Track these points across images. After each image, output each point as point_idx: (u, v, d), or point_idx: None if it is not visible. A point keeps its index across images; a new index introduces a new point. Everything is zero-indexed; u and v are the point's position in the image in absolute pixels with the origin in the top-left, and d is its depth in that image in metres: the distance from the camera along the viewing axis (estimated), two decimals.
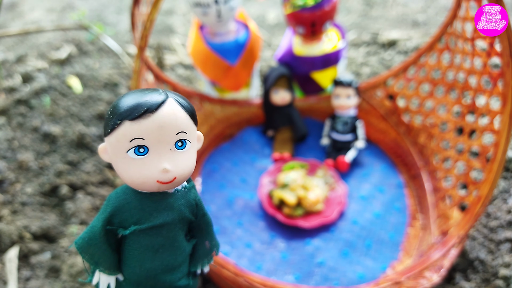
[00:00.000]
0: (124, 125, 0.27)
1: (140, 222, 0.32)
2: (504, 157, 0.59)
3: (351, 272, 0.62)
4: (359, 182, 0.78)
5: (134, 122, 0.27)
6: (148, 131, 0.28)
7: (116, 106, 0.28)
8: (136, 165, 0.28)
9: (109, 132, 0.28)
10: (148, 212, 0.32)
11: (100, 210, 0.33)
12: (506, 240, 0.67)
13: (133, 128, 0.27)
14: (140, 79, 0.59)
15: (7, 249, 0.71)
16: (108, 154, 0.30)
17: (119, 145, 0.28)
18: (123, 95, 0.30)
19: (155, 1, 0.53)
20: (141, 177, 0.29)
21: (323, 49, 0.85)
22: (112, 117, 0.28)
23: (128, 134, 0.28)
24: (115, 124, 0.28)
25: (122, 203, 0.32)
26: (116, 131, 0.28)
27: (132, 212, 0.32)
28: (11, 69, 1.20)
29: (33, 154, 0.90)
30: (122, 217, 0.32)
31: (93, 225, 0.33)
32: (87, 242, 0.32)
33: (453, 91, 0.76)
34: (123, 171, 0.29)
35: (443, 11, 1.59)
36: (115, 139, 0.28)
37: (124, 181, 0.30)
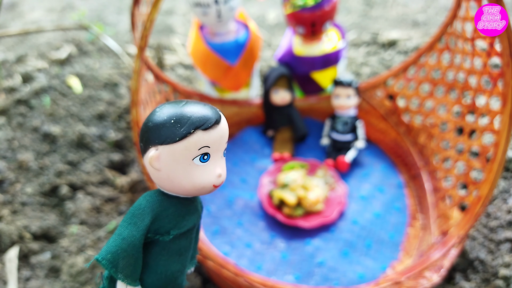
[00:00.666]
0: (197, 134, 0.30)
1: (176, 227, 0.33)
2: (504, 157, 0.59)
3: (351, 272, 0.62)
4: (359, 182, 0.78)
5: (205, 132, 0.30)
6: (214, 140, 0.31)
7: (183, 116, 0.30)
8: (199, 171, 0.31)
9: (177, 140, 0.30)
10: (182, 216, 0.33)
11: (130, 220, 0.32)
12: (506, 240, 0.67)
13: (204, 137, 0.30)
14: (140, 79, 0.59)
15: (7, 249, 0.71)
16: (162, 162, 0.31)
17: (187, 153, 0.30)
18: (180, 105, 0.31)
19: (155, 1, 0.53)
20: (202, 182, 0.31)
21: (323, 49, 0.85)
22: (180, 126, 0.30)
23: (199, 143, 0.30)
24: (188, 133, 0.30)
25: (160, 210, 0.33)
26: (187, 139, 0.30)
27: (169, 218, 0.33)
28: (11, 69, 1.20)
29: (33, 154, 0.90)
30: (159, 224, 0.33)
31: (127, 235, 0.32)
32: (119, 254, 0.31)
33: (453, 91, 0.76)
34: (184, 177, 0.31)
35: (443, 11, 1.59)
36: (184, 146, 0.30)
37: (178, 187, 0.31)
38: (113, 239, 0.32)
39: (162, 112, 0.31)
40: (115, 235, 0.32)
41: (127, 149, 0.93)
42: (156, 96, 0.76)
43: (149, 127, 0.31)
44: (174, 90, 0.83)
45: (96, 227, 0.75)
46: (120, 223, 0.33)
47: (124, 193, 0.82)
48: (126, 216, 0.33)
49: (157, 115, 0.31)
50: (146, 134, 0.31)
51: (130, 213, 0.33)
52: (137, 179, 0.83)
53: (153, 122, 0.31)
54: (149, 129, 0.31)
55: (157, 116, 0.31)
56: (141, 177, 0.83)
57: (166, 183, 0.31)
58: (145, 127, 0.31)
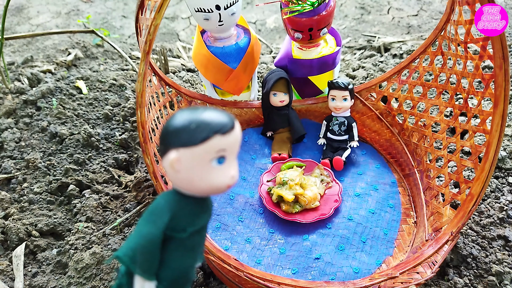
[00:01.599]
0: (215, 138, 0.32)
1: (191, 224, 0.36)
2: (497, 156, 0.60)
3: (347, 267, 0.64)
4: (355, 181, 0.80)
5: (223, 136, 0.32)
6: (230, 144, 0.33)
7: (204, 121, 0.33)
8: (216, 173, 0.33)
9: (197, 144, 0.32)
10: (197, 215, 0.36)
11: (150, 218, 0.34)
12: (498, 237, 0.69)
13: (222, 141, 0.32)
14: (145, 82, 0.61)
15: (14, 246, 0.73)
16: (182, 164, 0.33)
17: (206, 156, 0.32)
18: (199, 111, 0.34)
19: (159, 6, 0.55)
20: (218, 182, 0.33)
21: (320, 52, 0.87)
22: (201, 131, 0.32)
23: (217, 146, 0.32)
24: (207, 136, 0.32)
25: (177, 209, 0.35)
26: (207, 143, 0.32)
27: (185, 216, 0.35)
28: (18, 72, 1.23)
29: (41, 154, 0.92)
30: (175, 222, 0.35)
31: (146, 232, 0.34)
32: (140, 250, 0.34)
33: (445, 93, 0.77)
34: (202, 178, 0.33)
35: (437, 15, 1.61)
36: (203, 150, 0.32)
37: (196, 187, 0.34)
38: (133, 237, 0.34)
39: (183, 117, 0.33)
40: (135, 233, 0.34)
41: (132, 149, 0.95)
42: (160, 98, 0.78)
43: (170, 131, 0.33)
44: (177, 92, 0.86)
45: (102, 224, 0.77)
46: (139, 222, 0.35)
47: (130, 191, 0.84)
48: (145, 215, 0.35)
49: (178, 120, 0.33)
50: (167, 137, 0.33)
51: (149, 212, 0.35)
52: (142, 178, 0.85)
53: (174, 126, 0.33)
54: (170, 133, 0.33)
55: (178, 121, 0.33)
56: (146, 176, 0.86)
57: (184, 183, 0.33)
58: (166, 130, 0.33)
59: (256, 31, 1.65)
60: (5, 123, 0.99)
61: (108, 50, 1.40)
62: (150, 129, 0.63)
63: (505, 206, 0.73)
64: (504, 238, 0.69)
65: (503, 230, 0.70)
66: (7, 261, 0.71)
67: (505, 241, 0.68)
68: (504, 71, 0.57)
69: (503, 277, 0.63)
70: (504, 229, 0.70)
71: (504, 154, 0.83)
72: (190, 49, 1.47)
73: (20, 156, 0.92)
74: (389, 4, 1.74)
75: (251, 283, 0.55)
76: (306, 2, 0.77)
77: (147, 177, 0.85)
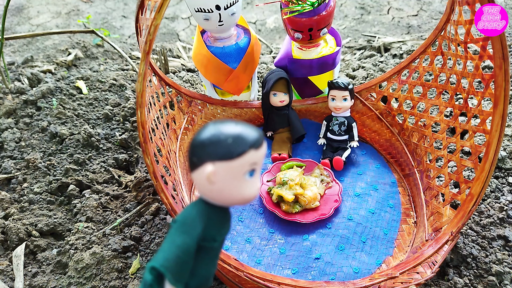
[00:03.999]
0: (251, 152, 0.34)
1: (219, 234, 0.37)
2: (497, 156, 0.60)
3: (347, 267, 0.64)
4: (355, 181, 0.80)
5: (257, 150, 0.34)
6: (260, 158, 0.35)
7: (240, 136, 0.34)
8: (248, 185, 0.35)
9: (234, 157, 0.34)
10: (222, 224, 0.38)
11: (183, 228, 0.36)
12: (498, 237, 0.69)
13: (256, 155, 0.34)
14: (145, 82, 0.61)
15: (14, 246, 0.73)
16: (218, 176, 0.34)
17: (241, 169, 0.34)
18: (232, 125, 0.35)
19: (159, 6, 0.55)
20: (250, 194, 0.35)
21: (320, 52, 0.88)
22: (238, 145, 0.34)
23: (251, 160, 0.34)
24: (244, 151, 0.33)
25: (207, 218, 0.37)
26: (243, 157, 0.33)
27: (214, 226, 0.37)
28: (19, 72, 1.23)
29: (41, 154, 0.92)
30: (206, 232, 0.37)
31: (181, 243, 0.35)
32: (175, 261, 0.34)
33: (445, 93, 0.77)
34: (235, 190, 0.35)
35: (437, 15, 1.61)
36: (240, 163, 0.34)
37: (229, 198, 0.36)
38: (167, 247, 0.35)
39: (217, 131, 0.34)
40: (168, 243, 0.35)
41: (132, 149, 0.95)
42: (160, 98, 0.78)
43: (205, 144, 0.34)
44: (177, 92, 0.86)
45: (102, 224, 0.77)
46: (170, 232, 0.36)
47: (130, 191, 0.84)
48: (177, 225, 0.36)
49: (213, 134, 0.34)
50: (201, 150, 0.34)
51: (180, 222, 0.36)
52: (142, 178, 0.85)
53: (209, 140, 0.34)
54: (206, 146, 0.34)
55: (212, 135, 0.34)
56: (146, 176, 0.86)
57: (217, 195, 0.35)
58: (200, 143, 0.34)
59: (256, 31, 1.66)
60: (5, 123, 0.99)
61: (108, 50, 1.40)
62: (150, 129, 0.63)
63: (505, 206, 0.74)
64: (504, 238, 0.69)
65: (503, 230, 0.70)
66: (7, 261, 0.71)
67: (505, 241, 0.68)
68: (504, 71, 0.57)
69: (503, 277, 0.63)
70: (504, 229, 0.70)
71: (504, 154, 0.83)
72: (190, 49, 1.47)
73: (20, 156, 0.92)
74: (389, 4, 1.74)
75: (251, 283, 0.55)
76: (306, 2, 0.77)
77: (147, 177, 0.85)
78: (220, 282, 0.66)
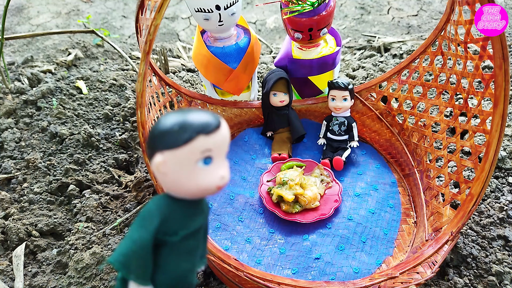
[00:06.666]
0: (199, 139, 0.32)
1: (184, 228, 0.35)
2: (497, 156, 0.60)
3: (347, 267, 0.64)
4: (355, 181, 0.80)
5: (207, 136, 0.32)
6: (216, 144, 0.32)
7: (186, 123, 0.32)
8: (203, 174, 0.33)
9: (181, 145, 0.32)
10: (189, 217, 0.35)
11: (140, 223, 0.34)
12: (498, 237, 0.69)
13: (206, 141, 0.32)
14: (145, 82, 0.61)
15: (14, 246, 0.73)
16: (168, 166, 0.33)
17: (191, 157, 0.32)
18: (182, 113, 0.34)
19: (159, 6, 0.55)
20: (206, 184, 0.33)
21: (320, 52, 0.88)
22: (184, 132, 0.32)
23: (201, 146, 0.32)
24: (190, 137, 0.32)
25: (167, 212, 0.35)
26: (191, 144, 0.32)
27: (177, 219, 0.35)
28: (19, 72, 1.23)
29: (41, 154, 0.92)
30: (167, 226, 0.35)
31: (137, 238, 0.34)
32: (131, 256, 0.33)
33: (445, 93, 0.77)
34: (188, 180, 0.33)
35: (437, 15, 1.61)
36: (188, 151, 0.32)
37: (184, 189, 0.34)
38: (124, 242, 0.34)
39: (167, 120, 0.33)
40: (126, 238, 0.34)
41: (132, 149, 0.95)
42: (160, 98, 0.78)
43: (155, 134, 0.33)
44: (177, 92, 0.86)
45: (102, 224, 0.77)
46: (130, 227, 0.35)
47: (130, 191, 0.84)
48: (136, 220, 0.35)
49: (162, 123, 0.33)
50: (152, 141, 0.33)
51: (140, 217, 0.35)
52: (142, 178, 0.85)
53: (158, 130, 0.33)
54: (155, 136, 0.33)
55: (162, 124, 0.33)
56: (146, 176, 0.86)
57: (172, 186, 0.33)
58: (151, 134, 0.33)
59: (256, 31, 1.66)
60: (5, 123, 0.99)
61: (108, 50, 1.40)
62: (150, 129, 0.63)
63: (505, 206, 0.74)
64: (504, 238, 0.69)
65: (503, 230, 0.70)
66: (7, 261, 0.71)
67: (505, 241, 0.68)
68: (504, 71, 0.57)
69: (503, 277, 0.63)
70: (504, 229, 0.70)
71: (504, 154, 0.83)
72: (190, 49, 1.47)
73: (20, 156, 0.92)
74: (389, 4, 1.74)
75: (251, 283, 0.55)
76: (306, 2, 0.77)
77: (147, 177, 0.85)
78: (220, 282, 0.66)
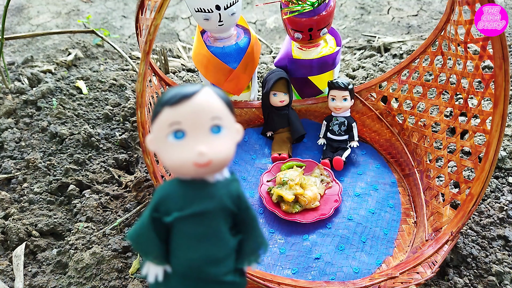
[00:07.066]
0: (165, 111, 0.30)
1: (182, 209, 0.33)
2: (497, 156, 0.60)
3: (347, 267, 0.64)
4: (355, 181, 0.80)
5: (172, 108, 0.30)
6: (185, 115, 0.30)
7: (160, 97, 0.32)
8: (175, 149, 0.31)
9: (153, 120, 0.31)
10: (190, 199, 0.33)
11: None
12: (498, 237, 0.69)
13: (171, 113, 0.30)
14: (145, 82, 0.61)
15: (14, 246, 0.73)
16: (154, 144, 0.32)
17: (161, 131, 0.31)
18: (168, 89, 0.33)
19: (159, 6, 0.55)
20: (179, 159, 0.31)
21: (320, 52, 0.88)
22: (155, 106, 0.31)
23: (166, 119, 0.30)
24: (158, 111, 0.31)
25: (167, 192, 0.34)
26: (158, 117, 0.31)
27: (175, 200, 0.34)
28: (19, 72, 1.23)
29: (41, 154, 0.92)
30: (167, 206, 0.34)
31: (142, 216, 0.35)
32: (137, 232, 0.34)
33: (445, 93, 0.77)
34: (165, 156, 0.31)
35: (437, 15, 1.61)
36: (158, 125, 0.31)
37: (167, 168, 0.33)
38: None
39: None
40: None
41: (132, 149, 0.95)
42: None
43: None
44: None
45: (102, 224, 0.77)
46: None
47: (130, 191, 0.84)
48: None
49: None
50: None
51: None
52: (142, 178, 0.85)
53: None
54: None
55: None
56: (146, 176, 0.86)
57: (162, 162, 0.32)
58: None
59: (256, 31, 1.66)
60: (5, 123, 0.99)
61: (108, 50, 1.40)
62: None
63: (505, 206, 0.74)
64: (504, 238, 0.69)
65: (503, 230, 0.70)
66: (7, 261, 0.71)
67: (505, 241, 0.68)
68: (504, 71, 0.57)
69: (503, 277, 0.63)
70: (504, 229, 0.70)
71: (504, 154, 0.83)
72: (190, 49, 1.47)
73: (20, 156, 0.92)
74: (389, 4, 1.74)
75: (251, 283, 0.55)
76: (306, 2, 0.77)
77: (147, 177, 0.85)
78: None
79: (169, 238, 0.35)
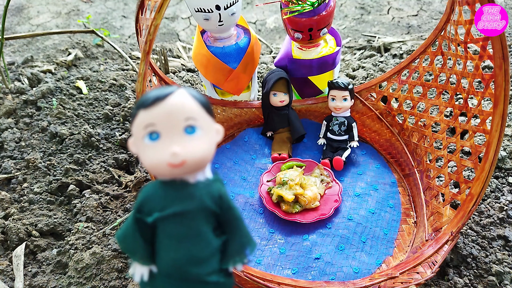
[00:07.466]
0: (140, 114, 0.31)
1: (163, 210, 0.34)
2: (497, 156, 0.60)
3: (347, 267, 0.64)
4: (355, 181, 0.80)
5: (146, 110, 0.31)
6: (158, 117, 0.31)
7: (137, 101, 0.33)
8: (150, 150, 0.31)
9: (131, 123, 0.32)
10: (170, 200, 0.34)
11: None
12: (498, 237, 0.69)
13: (145, 115, 0.31)
14: (145, 82, 0.61)
15: (14, 246, 0.73)
16: (134, 146, 0.33)
17: (138, 133, 0.32)
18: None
19: (159, 6, 0.55)
20: (154, 160, 0.31)
21: (320, 52, 0.88)
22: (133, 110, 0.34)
23: (141, 121, 0.31)
24: (134, 114, 0.32)
25: (149, 193, 0.35)
26: (135, 120, 0.32)
27: (157, 200, 0.34)
28: (19, 72, 1.23)
29: (41, 154, 0.92)
30: (149, 206, 0.35)
31: (128, 217, 0.36)
32: (123, 233, 0.36)
33: (445, 93, 0.77)
34: (143, 158, 0.32)
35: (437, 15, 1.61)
36: (135, 128, 0.32)
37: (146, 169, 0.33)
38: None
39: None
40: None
41: None
42: None
43: None
44: None
45: (102, 224, 0.77)
46: None
47: (130, 191, 0.84)
48: None
49: None
50: None
51: None
52: (142, 178, 0.85)
53: None
54: None
55: None
56: (146, 176, 0.86)
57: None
58: None
59: (256, 31, 1.66)
60: (5, 123, 0.99)
61: (108, 50, 1.40)
62: None
63: (505, 206, 0.74)
64: (504, 238, 0.69)
65: (503, 230, 0.70)
66: (7, 261, 0.71)
67: (505, 241, 0.68)
68: (504, 71, 0.57)
69: (503, 277, 0.63)
70: (504, 229, 0.70)
71: (504, 154, 0.83)
72: (190, 49, 1.47)
73: (20, 156, 0.92)
74: (389, 4, 1.74)
75: (251, 283, 0.55)
76: (306, 2, 0.77)
77: (147, 177, 0.85)
78: None
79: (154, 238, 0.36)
